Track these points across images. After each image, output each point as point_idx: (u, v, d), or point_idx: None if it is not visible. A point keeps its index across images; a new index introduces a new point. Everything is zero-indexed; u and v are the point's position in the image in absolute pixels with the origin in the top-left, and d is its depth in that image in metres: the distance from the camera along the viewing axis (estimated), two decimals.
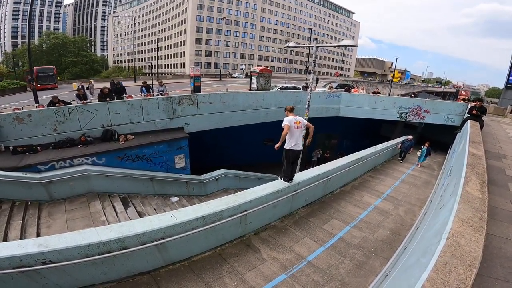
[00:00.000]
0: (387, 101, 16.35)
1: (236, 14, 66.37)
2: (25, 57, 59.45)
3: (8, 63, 68.56)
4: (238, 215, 4.96)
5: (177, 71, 67.69)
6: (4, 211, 6.76)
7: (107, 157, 8.91)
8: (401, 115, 15.99)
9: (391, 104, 16.17)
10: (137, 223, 4.21)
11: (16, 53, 69.45)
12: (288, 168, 5.86)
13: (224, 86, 26.68)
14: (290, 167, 5.86)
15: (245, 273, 4.52)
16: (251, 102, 13.74)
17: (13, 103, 14.93)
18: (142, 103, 10.39)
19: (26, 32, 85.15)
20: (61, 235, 3.77)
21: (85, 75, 61.94)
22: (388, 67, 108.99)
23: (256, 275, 4.49)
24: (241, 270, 4.58)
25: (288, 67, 77.02)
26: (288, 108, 5.86)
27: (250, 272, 4.56)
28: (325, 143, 20.93)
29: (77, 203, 7.95)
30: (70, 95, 13.59)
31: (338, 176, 7.96)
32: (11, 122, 8.37)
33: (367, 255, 5.29)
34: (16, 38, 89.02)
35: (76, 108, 9.23)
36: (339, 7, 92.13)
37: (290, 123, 5.41)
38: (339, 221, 6.52)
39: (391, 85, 26.38)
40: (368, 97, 16.74)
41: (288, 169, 5.86)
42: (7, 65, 68.59)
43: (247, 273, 4.52)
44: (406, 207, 7.79)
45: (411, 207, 7.78)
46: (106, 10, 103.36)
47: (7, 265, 3.25)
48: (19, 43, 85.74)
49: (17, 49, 75.08)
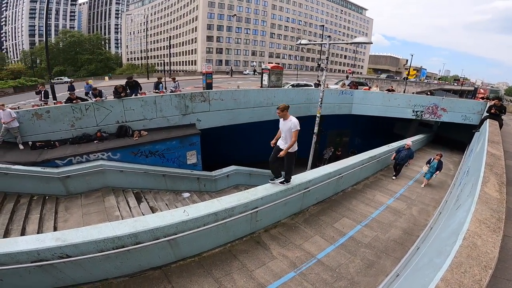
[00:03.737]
0: (402, 99, 15.95)
1: (247, 11, 66.11)
2: (43, 55, 61.30)
3: (26, 61, 70.98)
4: (249, 211, 4.99)
5: (188, 68, 68.26)
6: (23, 205, 7.02)
7: (122, 152, 9.13)
8: (416, 113, 15.58)
9: (406, 102, 15.77)
10: (150, 218, 4.26)
11: (34, 51, 71.80)
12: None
13: (235, 83, 26.80)
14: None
15: (254, 269, 4.55)
16: (262, 99, 13.72)
17: (31, 100, 15.48)
18: (156, 100, 10.57)
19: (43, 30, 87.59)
20: (78, 229, 3.85)
21: (100, 72, 63.51)
22: (403, 64, 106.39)
23: (265, 272, 4.51)
24: (251, 266, 4.61)
25: (299, 64, 76.32)
26: (287, 107, 5.03)
27: (259, 269, 4.58)
28: (336, 141, 20.69)
29: (93, 198, 8.18)
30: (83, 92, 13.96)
31: (350, 174, 7.88)
32: (30, 118, 8.68)
33: (377, 254, 5.23)
34: (34, 36, 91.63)
35: (93, 104, 9.49)
36: (352, 3, 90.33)
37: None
38: (350, 219, 6.46)
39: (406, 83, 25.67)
40: (381, 95, 16.38)
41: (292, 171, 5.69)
42: (25, 63, 71.01)
43: (256, 270, 4.54)
44: (420, 207, 7.63)
45: (425, 207, 7.61)
46: (119, 8, 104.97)
47: (25, 259, 3.32)
48: (36, 41, 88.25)
49: (35, 47, 77.51)
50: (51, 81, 14.80)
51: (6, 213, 6.53)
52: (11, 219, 6.44)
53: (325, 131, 17.84)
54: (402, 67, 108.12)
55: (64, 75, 45.64)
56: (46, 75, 43.18)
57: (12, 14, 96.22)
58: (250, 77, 42.69)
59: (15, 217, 6.56)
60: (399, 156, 9.50)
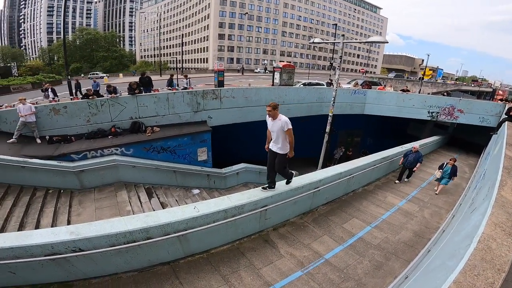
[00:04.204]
0: (417, 100, 15.57)
1: (259, 9, 65.94)
2: (60, 52, 63.26)
3: (44, 58, 73.27)
4: (259, 209, 5.00)
5: (200, 65, 68.79)
6: (38, 198, 7.19)
7: (135, 148, 9.31)
8: (431, 114, 15.19)
9: (421, 102, 15.39)
10: (162, 213, 4.32)
11: (52, 48, 73.98)
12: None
13: (246, 81, 26.83)
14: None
15: (261, 267, 4.57)
16: (274, 97, 13.68)
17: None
18: (168, 97, 10.71)
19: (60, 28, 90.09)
20: (92, 224, 3.92)
21: (115, 69, 64.87)
22: (419, 64, 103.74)
23: (272, 271, 4.52)
24: (258, 264, 4.63)
25: (311, 63, 75.59)
26: (277, 105, 4.73)
27: (266, 267, 4.60)
28: (347, 141, 20.43)
29: (106, 192, 8.34)
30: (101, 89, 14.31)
31: (361, 175, 7.78)
32: (48, 113, 8.95)
33: (387, 256, 5.17)
34: (51, 33, 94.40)
35: (108, 100, 9.71)
36: (366, 2, 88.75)
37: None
38: (360, 220, 6.40)
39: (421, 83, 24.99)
40: (396, 95, 16.04)
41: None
42: (43, 59, 73.32)
43: (263, 268, 4.56)
44: (433, 209, 7.49)
45: (437, 210, 7.46)
46: (133, 6, 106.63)
47: (39, 252, 3.39)
48: (54, 39, 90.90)
49: (53, 44, 79.80)
50: (68, 77, 15.22)
51: (21, 206, 6.68)
52: (26, 212, 6.56)
53: (336, 131, 17.63)
54: (417, 67, 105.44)
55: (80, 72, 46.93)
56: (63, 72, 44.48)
57: (31, 12, 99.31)
58: (261, 75, 42.63)
59: (30, 210, 6.70)
60: (407, 160, 9.06)
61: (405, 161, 9.09)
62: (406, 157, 9.09)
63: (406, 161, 9.06)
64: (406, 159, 9.08)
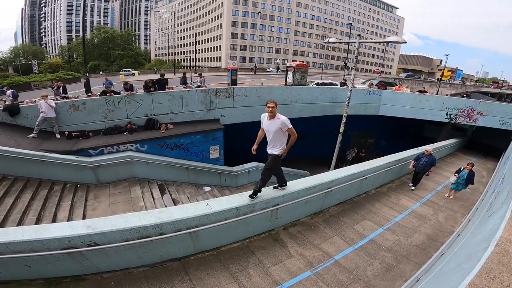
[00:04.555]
0: (435, 101, 15.13)
1: (271, 8, 65.73)
2: (79, 50, 65.15)
3: (64, 56, 75.66)
4: (270, 208, 5.00)
5: (213, 64, 69.31)
6: (56, 192, 7.40)
7: (149, 144, 9.50)
8: (450, 116, 14.73)
9: (439, 104, 14.95)
10: (175, 210, 4.37)
11: (71, 46, 76.29)
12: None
13: (258, 80, 26.81)
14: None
15: (270, 266, 4.57)
16: (286, 96, 13.63)
17: (77, 91, 16.44)
18: (182, 95, 10.87)
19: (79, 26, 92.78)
20: (107, 218, 3.97)
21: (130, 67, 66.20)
22: (437, 65, 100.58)
23: (281, 270, 4.52)
24: (267, 263, 4.63)
25: (324, 62, 74.79)
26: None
27: (275, 266, 4.60)
28: (361, 142, 20.09)
29: (120, 187, 8.53)
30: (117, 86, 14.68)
31: (374, 176, 7.67)
32: (68, 109, 9.27)
33: (398, 259, 5.11)
34: (71, 32, 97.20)
35: (124, 98, 9.95)
36: (381, 2, 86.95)
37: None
38: (372, 222, 6.34)
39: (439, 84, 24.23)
40: (412, 96, 15.65)
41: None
42: (62, 57, 75.73)
43: (272, 267, 4.56)
44: (448, 213, 7.33)
45: (453, 214, 7.30)
46: (148, 5, 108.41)
47: (56, 245, 3.45)
48: (73, 37, 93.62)
49: (72, 42, 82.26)
50: (87, 75, 15.67)
51: (39, 200, 6.87)
52: (44, 205, 6.75)
53: (349, 132, 17.39)
54: (435, 67, 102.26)
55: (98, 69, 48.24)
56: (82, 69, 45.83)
57: (51, 10, 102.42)
58: (273, 75, 42.51)
59: (48, 204, 6.88)
60: (419, 164, 8.47)
61: (416, 164, 8.55)
62: (418, 161, 8.53)
63: (417, 164, 8.52)
64: (417, 162, 8.53)
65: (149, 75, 32.90)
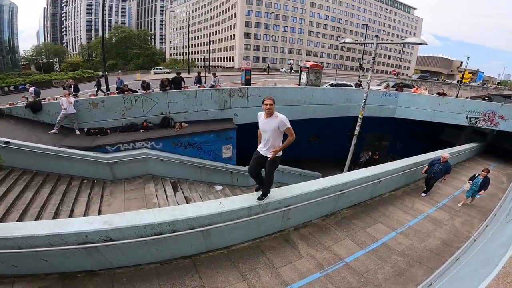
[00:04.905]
0: (454, 104, 14.63)
1: (285, 8, 65.36)
2: (98, 49, 67.06)
3: (83, 55, 78.13)
4: (282, 209, 5.00)
5: (226, 64, 69.72)
6: (74, 187, 7.62)
7: (164, 142, 9.67)
8: (470, 120, 14.21)
9: (458, 107, 14.44)
10: (189, 208, 4.42)
11: (90, 45, 78.66)
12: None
13: (271, 80, 26.78)
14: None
15: (280, 267, 4.57)
16: (300, 97, 13.55)
17: (88, 90, 17.04)
18: (197, 94, 11.02)
19: (98, 25, 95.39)
20: (124, 214, 4.04)
21: (147, 66, 67.62)
22: (457, 67, 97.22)
23: (291, 271, 4.51)
24: (277, 263, 4.64)
25: (338, 63, 73.80)
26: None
27: (285, 266, 4.60)
28: (375, 144, 19.70)
29: (135, 184, 8.69)
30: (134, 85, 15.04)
31: (389, 179, 7.56)
32: (87, 106, 9.58)
33: (410, 263, 5.04)
34: (90, 31, 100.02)
35: (141, 96, 10.19)
36: (398, 2, 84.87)
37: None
38: (385, 226, 6.26)
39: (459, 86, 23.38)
40: (431, 98, 15.18)
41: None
42: (82, 56, 78.22)
43: (282, 267, 4.56)
44: (464, 218, 7.14)
45: (469, 219, 7.10)
46: (164, 4, 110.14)
47: (73, 240, 3.51)
48: (92, 36, 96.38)
49: (91, 41, 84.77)
50: (105, 73, 16.12)
51: (58, 194, 7.08)
52: (62, 200, 6.94)
53: (364, 134, 17.10)
54: (455, 69, 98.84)
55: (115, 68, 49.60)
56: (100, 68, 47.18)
57: (72, 9, 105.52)
58: (287, 75, 42.33)
59: (66, 199, 7.07)
60: (432, 170, 7.91)
61: (430, 170, 8.00)
62: (432, 167, 7.95)
63: (431, 170, 7.98)
64: (431, 168, 7.97)
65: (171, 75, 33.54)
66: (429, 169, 8.06)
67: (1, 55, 46.20)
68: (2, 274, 3.63)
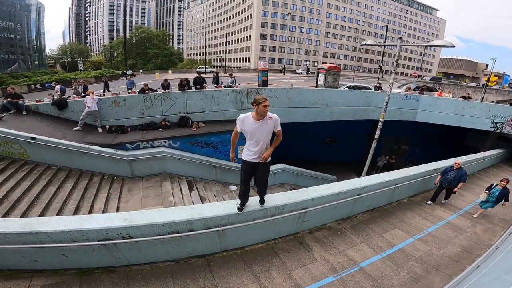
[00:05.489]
0: (480, 108, 13.99)
1: (301, 9, 64.79)
2: (119, 48, 69.27)
3: (106, 54, 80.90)
4: (298, 211, 4.94)
5: (242, 65, 70.02)
6: (94, 183, 7.83)
7: (181, 141, 9.83)
8: (495, 125, 13.55)
9: (484, 111, 13.80)
10: (206, 207, 4.43)
11: (112, 45, 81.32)
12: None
13: (288, 81, 26.66)
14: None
15: (293, 269, 4.52)
16: (317, 99, 13.39)
17: (110, 89, 17.57)
18: (214, 94, 11.14)
19: (120, 26, 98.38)
20: (143, 212, 4.08)
21: (165, 66, 69.14)
22: (482, 70, 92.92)
23: (304, 273, 4.45)
24: (290, 266, 4.59)
25: (356, 65, 72.41)
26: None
27: (298, 269, 4.54)
28: (394, 148, 19.17)
29: (152, 182, 8.86)
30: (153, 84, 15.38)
31: (408, 185, 7.34)
32: (110, 104, 9.87)
33: (427, 269, 4.88)
34: (112, 31, 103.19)
35: (161, 95, 10.41)
36: (420, 3, 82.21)
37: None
38: (403, 231, 6.08)
39: (484, 90, 22.33)
40: (455, 102, 14.59)
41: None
42: (104, 55, 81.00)
43: (295, 270, 4.51)
44: (486, 225, 6.83)
45: (492, 227, 6.79)
46: (181, 5, 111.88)
47: (94, 237, 3.53)
48: (114, 36, 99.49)
49: (113, 41, 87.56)
50: (126, 72, 16.59)
51: (79, 190, 7.28)
52: (83, 196, 7.12)
53: (382, 137, 16.73)
54: (480, 72, 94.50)
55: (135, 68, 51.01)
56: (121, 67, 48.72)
57: (95, 10, 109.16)
58: (303, 76, 42.02)
59: (87, 194, 7.25)
60: (446, 178, 7.35)
61: (443, 179, 7.48)
62: (445, 175, 7.45)
63: (444, 179, 7.45)
64: (444, 177, 7.45)
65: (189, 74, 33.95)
66: (442, 178, 7.53)
67: (29, 54, 48.37)
68: (21, 269, 3.72)
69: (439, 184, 7.57)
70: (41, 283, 3.65)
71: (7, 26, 40.28)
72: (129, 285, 3.84)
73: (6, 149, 7.33)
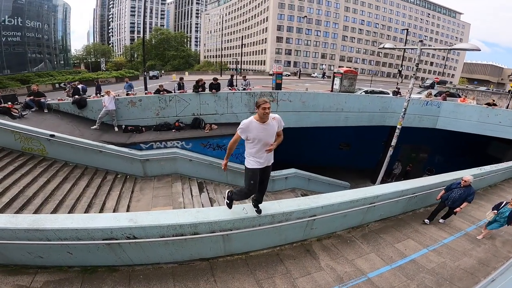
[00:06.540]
0: (505, 116, 13.22)
1: (318, 13, 64.26)
2: (139, 49, 71.21)
3: (126, 55, 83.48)
4: (306, 218, 4.81)
5: (257, 68, 70.22)
6: (108, 182, 7.98)
7: (194, 143, 9.91)
8: None
9: (510, 119, 13.03)
10: (211, 211, 4.40)
11: (133, 46, 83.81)
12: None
13: (302, 85, 26.40)
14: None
15: (298, 277, 4.39)
16: (332, 104, 13.15)
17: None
18: (228, 96, 11.18)
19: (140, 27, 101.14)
20: (149, 213, 4.09)
21: (182, 67, 70.44)
22: (508, 75, 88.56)
23: (308, 282, 4.32)
24: (295, 274, 4.46)
25: (374, 69, 70.88)
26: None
27: (303, 277, 4.41)
28: (411, 156, 18.51)
29: (163, 182, 8.95)
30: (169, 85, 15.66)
31: (425, 195, 6.95)
32: (126, 105, 10.12)
33: (439, 282, 4.61)
34: (133, 33, 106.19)
35: (175, 96, 10.57)
36: (442, 7, 79.37)
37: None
38: (416, 242, 5.79)
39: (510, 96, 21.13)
40: (479, 109, 13.89)
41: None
42: (125, 56, 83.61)
43: (299, 278, 4.38)
44: (506, 238, 6.39)
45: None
46: (199, 8, 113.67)
47: (99, 235, 3.57)
48: (135, 38, 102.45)
49: (134, 43, 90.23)
50: (145, 73, 17.00)
51: (93, 187, 7.40)
52: (96, 193, 7.23)
53: (399, 145, 16.21)
54: (506, 77, 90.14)
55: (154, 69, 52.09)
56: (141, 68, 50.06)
57: (118, 11, 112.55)
58: (318, 80, 41.55)
59: (99, 192, 7.37)
60: (450, 196, 6.24)
61: (446, 196, 6.40)
62: (450, 192, 6.35)
63: (447, 196, 6.35)
64: (448, 194, 6.36)
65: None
66: (446, 194, 6.48)
67: (55, 54, 50.24)
68: (27, 264, 3.80)
69: (441, 200, 6.54)
70: (44, 279, 3.72)
71: (35, 26, 41.85)
72: (130, 285, 3.86)
73: (26, 145, 7.59)
